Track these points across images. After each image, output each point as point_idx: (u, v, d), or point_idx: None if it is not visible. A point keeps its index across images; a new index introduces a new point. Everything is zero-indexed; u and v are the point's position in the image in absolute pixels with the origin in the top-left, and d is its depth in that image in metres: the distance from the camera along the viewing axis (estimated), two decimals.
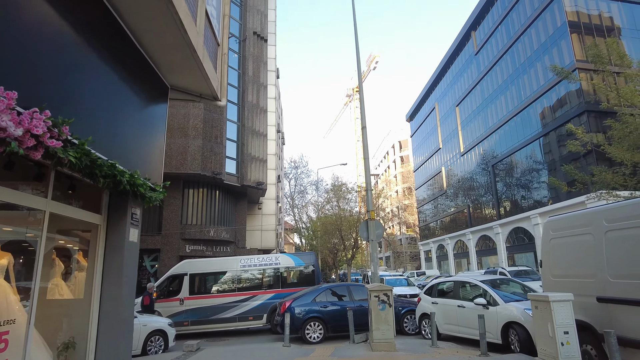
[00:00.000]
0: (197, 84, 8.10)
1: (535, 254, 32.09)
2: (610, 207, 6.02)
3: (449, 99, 51.45)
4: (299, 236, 52.46)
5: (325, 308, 11.27)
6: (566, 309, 5.78)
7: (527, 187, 34.50)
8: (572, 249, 6.58)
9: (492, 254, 39.75)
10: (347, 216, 29.04)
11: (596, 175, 14.04)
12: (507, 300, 8.65)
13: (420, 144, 63.85)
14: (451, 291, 10.31)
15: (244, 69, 23.15)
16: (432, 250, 57.53)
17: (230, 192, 22.52)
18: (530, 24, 33.12)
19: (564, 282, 6.66)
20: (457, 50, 48.77)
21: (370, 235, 10.06)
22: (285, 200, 52.71)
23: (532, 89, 33.08)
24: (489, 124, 40.98)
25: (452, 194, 51.40)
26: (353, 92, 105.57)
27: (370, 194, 10.34)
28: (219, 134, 19.85)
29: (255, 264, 14.96)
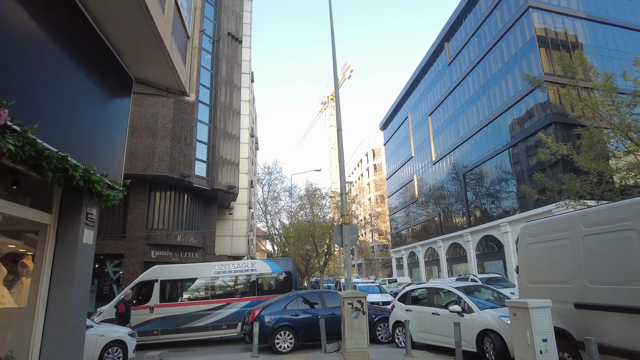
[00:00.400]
0: (164, 77, 7.60)
1: (504, 262, 32.73)
2: (588, 211, 5.95)
3: (422, 109, 52.26)
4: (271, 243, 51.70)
5: (297, 316, 10.86)
6: (545, 316, 5.63)
7: (497, 196, 35.25)
8: (549, 254, 6.48)
9: (463, 262, 40.32)
10: (321, 222, 28.73)
11: (565, 183, 14.32)
12: (482, 307, 8.51)
13: (393, 152, 64.52)
14: (425, 298, 10.12)
15: (217, 69, 22.58)
16: (403, 257, 57.95)
17: (199, 196, 21.78)
18: (501, 37, 34.08)
19: (541, 288, 6.55)
20: (431, 60, 49.71)
21: (345, 241, 9.76)
22: (258, 206, 51.92)
23: (502, 100, 33.95)
24: (460, 134, 41.79)
25: (423, 202, 52.03)
26: (328, 99, 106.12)
27: (345, 198, 10.06)
28: (188, 135, 19.16)
29: (230, 270, 14.42)
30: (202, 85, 20.96)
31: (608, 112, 12.71)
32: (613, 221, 5.35)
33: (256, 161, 54.86)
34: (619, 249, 5.23)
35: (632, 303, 4.97)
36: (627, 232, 5.11)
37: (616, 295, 5.19)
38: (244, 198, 26.70)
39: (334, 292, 12.25)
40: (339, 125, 10.41)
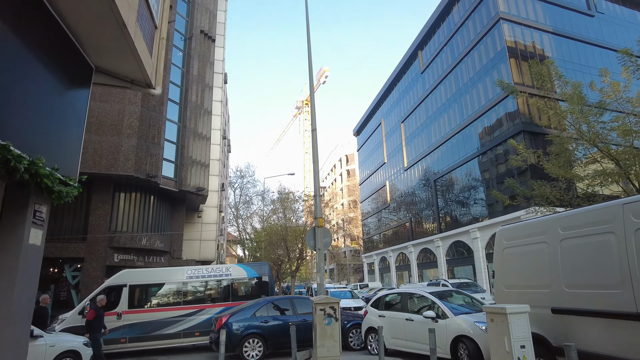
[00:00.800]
0: (128, 67, 7.08)
1: (473, 267, 33.25)
2: (566, 214, 5.87)
3: (395, 115, 52.83)
4: (242, 248, 50.80)
5: (266, 323, 10.44)
6: (523, 322, 5.49)
7: (467, 202, 35.86)
8: (526, 258, 6.38)
9: (433, 267, 40.76)
10: (293, 226, 28.29)
11: (535, 189, 14.54)
12: (456, 312, 8.37)
13: (366, 158, 64.90)
14: (398, 303, 9.91)
15: (189, 67, 21.88)
16: (375, 262, 58.16)
17: (166, 198, 20.94)
18: (473, 47, 34.85)
19: (518, 293, 6.43)
20: (405, 68, 50.37)
21: (318, 244, 9.44)
22: (229, 210, 50.93)
23: (474, 109, 34.66)
24: (431, 141, 42.40)
25: (395, 208, 52.45)
26: (302, 104, 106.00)
27: (319, 199, 9.75)
28: (156, 133, 18.38)
29: (204, 275, 13.90)
30: (172, 83, 20.23)
31: (577, 120, 13.00)
32: (591, 224, 5.27)
33: (228, 164, 53.88)
34: (597, 253, 5.15)
35: (610, 307, 4.89)
36: (606, 235, 5.04)
37: (594, 299, 5.10)
38: (214, 201, 25.94)
39: (306, 298, 11.89)
40: (313, 126, 10.12)
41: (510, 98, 29.77)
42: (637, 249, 4.63)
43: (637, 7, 39.75)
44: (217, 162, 26.15)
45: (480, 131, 33.76)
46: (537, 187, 14.56)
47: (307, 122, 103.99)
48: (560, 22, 33.60)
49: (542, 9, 33.58)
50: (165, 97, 18.85)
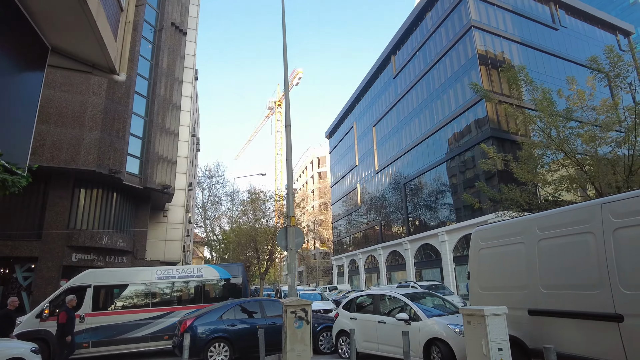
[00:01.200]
0: (89, 49, 6.54)
1: (441, 270, 33.72)
2: (543, 214, 5.81)
3: (367, 119, 53.17)
4: (210, 249, 49.63)
5: (233, 327, 9.98)
6: (501, 324, 5.36)
7: (435, 206, 36.41)
8: (502, 259, 6.29)
9: (401, 269, 41.13)
10: (264, 227, 27.73)
11: (505, 193, 14.78)
12: (429, 314, 8.23)
13: (338, 160, 65.00)
14: (371, 305, 9.69)
15: (158, 60, 21.01)
16: (344, 265, 58.21)
17: (130, 195, 19.98)
18: (445, 53, 35.49)
19: (493, 295, 6.33)
20: (377, 72, 50.80)
21: (289, 244, 9.11)
22: (196, 210, 49.67)
23: (444, 114, 35.26)
24: (402, 145, 42.86)
25: (365, 211, 52.71)
26: (275, 105, 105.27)
27: (292, 198, 9.43)
28: (121, 127, 17.47)
29: (174, 276, 13.35)
30: (139, 76, 19.35)
31: (548, 124, 13.30)
32: (570, 224, 5.22)
33: (197, 163, 52.59)
34: (575, 253, 5.09)
35: (588, 308, 4.82)
36: (584, 235, 4.99)
37: (572, 300, 5.03)
38: (180, 200, 25.05)
39: (275, 300, 11.50)
40: (287, 122, 9.80)
41: (480, 104, 30.51)
42: (615, 249, 4.59)
43: (597, 24, 41.75)
44: (184, 160, 25.28)
45: (450, 136, 34.37)
46: (506, 190, 14.81)
47: (279, 123, 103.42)
48: (528, 33, 34.76)
49: (511, 20, 34.64)
50: (131, 90, 17.98)
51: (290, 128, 9.79)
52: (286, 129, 9.80)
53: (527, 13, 35.79)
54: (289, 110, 9.95)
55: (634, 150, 12.20)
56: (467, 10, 32.38)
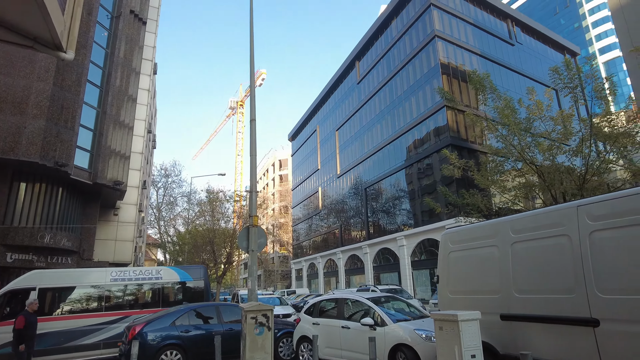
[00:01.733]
0: (29, 18, 5.77)
1: (399, 274, 34.08)
2: (518, 217, 5.71)
3: (330, 123, 53.25)
4: (163, 252, 47.64)
5: (187, 333, 9.30)
6: (474, 329, 5.16)
7: (394, 210, 36.85)
8: (474, 262, 6.14)
9: (360, 273, 41.26)
10: (222, 229, 26.72)
11: (467, 198, 14.96)
12: (394, 319, 7.99)
13: (300, 163, 64.65)
14: (334, 310, 9.35)
15: (114, 49, 19.70)
16: (303, 268, 57.77)
17: (78, 191, 18.51)
18: (408, 61, 36.10)
19: (464, 299, 6.17)
20: (342, 77, 51.04)
21: (251, 245, 8.60)
22: (150, 211, 47.54)
23: (405, 121, 35.82)
24: (364, 150, 43.19)
25: (326, 214, 52.63)
26: (237, 105, 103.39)
27: (255, 196, 8.93)
28: (70, 117, 16.14)
29: (130, 278, 12.52)
30: (93, 64, 18.04)
31: (511, 130, 13.56)
32: (545, 227, 5.12)
33: (152, 161, 50.45)
34: (550, 256, 4.99)
35: (563, 313, 4.71)
36: (560, 237, 4.89)
37: (547, 304, 4.92)
38: (133, 198, 23.64)
39: (233, 305, 10.89)
40: (252, 116, 9.30)
41: (441, 112, 31.23)
42: (591, 252, 4.51)
43: (548, 43, 44.13)
44: (139, 156, 23.91)
45: (411, 143, 34.95)
46: (468, 196, 15.00)
47: (241, 124, 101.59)
48: (487, 46, 36.09)
49: (472, 32, 35.83)
50: (83, 78, 16.67)
51: (255, 122, 9.30)
52: (251, 123, 9.30)
53: (486, 27, 37.19)
54: (254, 104, 9.46)
55: (587, 160, 12.70)
56: (432, 20, 33.14)
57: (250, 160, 9.13)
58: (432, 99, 32.30)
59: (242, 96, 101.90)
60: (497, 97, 14.45)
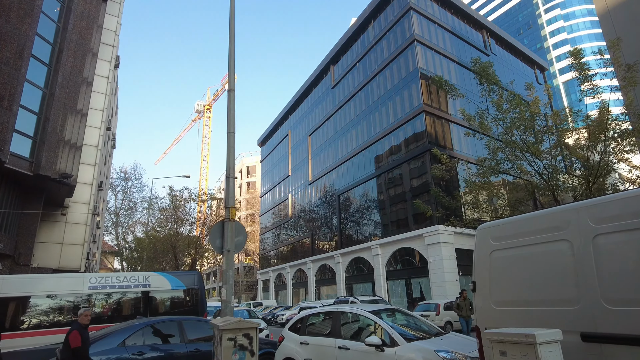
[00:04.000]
0: None
1: (373, 284, 32.64)
2: (600, 200, 4.24)
3: (303, 128, 51.75)
4: (120, 259, 44.20)
5: (140, 355, 7.30)
6: (556, 354, 3.63)
7: (369, 218, 35.56)
8: (532, 263, 4.65)
9: (331, 284, 39.54)
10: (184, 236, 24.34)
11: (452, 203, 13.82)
12: (408, 337, 6.40)
13: (269, 169, 62.62)
14: (328, 325, 7.63)
15: (66, 24, 17.18)
16: (270, 279, 55.38)
17: (15, 183, 15.76)
18: (385, 66, 35.24)
19: (517, 313, 4.65)
20: (316, 82, 49.79)
21: (227, 244, 6.81)
22: (108, 216, 44.10)
23: (382, 126, 34.81)
24: (338, 156, 41.88)
25: (296, 222, 50.78)
26: (204, 109, 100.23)
27: (233, 183, 7.17)
28: (7, 95, 13.57)
29: (113, 285, 11.01)
30: (39, 36, 15.55)
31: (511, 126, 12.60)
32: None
33: (111, 162, 47.02)
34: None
35: None
36: None
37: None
38: (85, 196, 20.93)
39: (200, 320, 8.95)
40: (231, 85, 7.60)
41: (419, 118, 30.35)
42: None
43: (519, 56, 44.78)
44: (93, 150, 21.24)
45: (388, 149, 33.91)
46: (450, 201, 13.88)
47: (207, 128, 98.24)
48: (464, 54, 35.82)
49: (450, 40, 35.51)
50: (26, 51, 14.21)
51: (234, 93, 7.59)
52: (229, 93, 7.60)
53: (463, 36, 37.04)
54: (232, 71, 7.79)
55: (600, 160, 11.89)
56: (411, 24, 32.48)
57: (228, 138, 7.38)
58: (410, 104, 31.46)
59: (210, 100, 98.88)
60: (499, 89, 13.46)
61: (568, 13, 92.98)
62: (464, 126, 32.62)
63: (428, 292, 26.98)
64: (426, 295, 27.21)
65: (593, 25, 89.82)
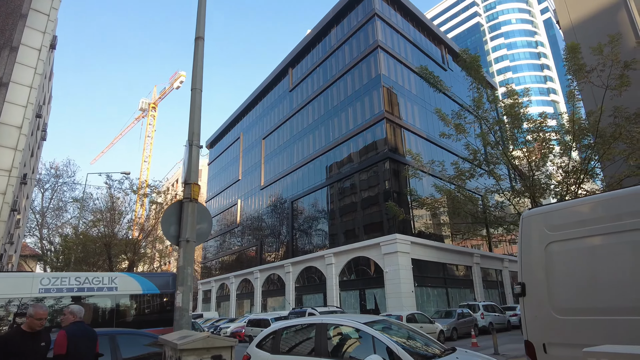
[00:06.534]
0: None
1: (324, 295, 31.22)
2: None
3: (257, 131, 49.81)
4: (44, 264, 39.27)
5: None
6: None
7: (324, 226, 34.30)
8: (613, 258, 3.46)
9: (280, 294, 37.59)
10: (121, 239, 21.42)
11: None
12: (418, 356, 5.04)
13: (218, 173, 59.68)
14: (308, 341, 6.05)
15: None
16: (213, 289, 52.14)
17: None
18: (347, 71, 34.53)
19: (594, 324, 3.45)
20: (272, 84, 48.24)
21: (186, 232, 5.12)
22: (32, 216, 39.16)
23: (341, 132, 33.92)
24: (293, 161, 40.42)
25: (244, 230, 48.39)
26: (149, 107, 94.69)
27: (196, 153, 5.50)
28: None
29: (71, 288, 9.19)
30: None
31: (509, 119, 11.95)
32: None
33: (40, 155, 42.06)
34: None
35: None
36: None
37: None
38: (0, 185, 17.63)
39: (142, 335, 6.99)
40: (200, 34, 5.98)
41: (379, 125, 29.76)
42: None
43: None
44: (15, 132, 17.87)
45: (346, 155, 33.01)
46: None
47: (151, 128, 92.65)
48: (420, 62, 36.00)
49: (411, 51, 35.62)
50: None
51: (203, 41, 5.99)
52: (197, 42, 6.04)
53: (423, 48, 37.40)
54: (203, 16, 6.21)
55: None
56: (375, 30, 32.10)
57: (193, 95, 5.78)
58: (371, 111, 30.85)
59: (156, 98, 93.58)
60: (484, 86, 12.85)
61: (511, 43, 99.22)
62: (421, 136, 32.63)
63: (383, 303, 26.02)
64: (381, 306, 26.23)
65: (532, 56, 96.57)
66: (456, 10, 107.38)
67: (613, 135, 11.38)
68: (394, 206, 16.37)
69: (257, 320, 21.73)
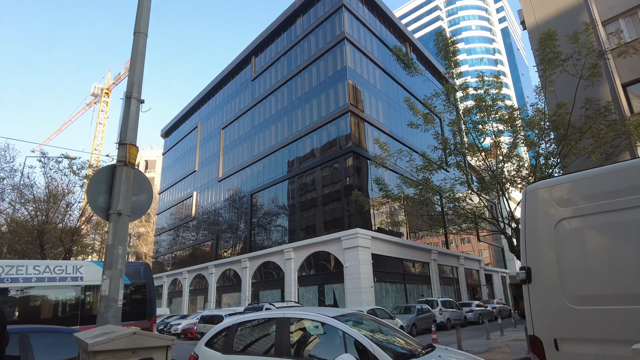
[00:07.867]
0: None
1: (282, 291, 30.32)
2: None
3: (216, 120, 47.92)
4: None
5: None
6: None
7: (283, 221, 33.38)
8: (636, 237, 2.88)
9: (236, 291, 36.22)
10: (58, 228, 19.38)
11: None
12: (394, 353, 4.31)
13: (173, 163, 57.05)
14: (267, 338, 5.18)
15: None
16: (164, 285, 49.73)
17: None
18: (312, 62, 33.70)
19: (616, 314, 2.85)
20: (234, 72, 46.52)
21: (117, 204, 4.09)
22: None
23: (304, 124, 33.08)
24: (254, 152, 39.12)
25: (199, 223, 46.46)
26: (102, 92, 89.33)
27: (135, 108, 4.47)
28: None
29: (29, 278, 8.26)
30: None
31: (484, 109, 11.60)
32: None
33: None
34: None
35: None
36: None
37: None
38: None
39: (63, 331, 5.83)
40: None
41: (344, 118, 29.20)
42: None
43: (436, 76, 46.67)
44: None
45: (309, 148, 32.21)
46: None
47: (103, 114, 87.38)
48: (388, 62, 35.91)
49: (377, 45, 35.34)
50: None
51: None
52: None
53: (389, 43, 37.20)
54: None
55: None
56: (342, 22, 31.47)
57: (135, 40, 4.74)
58: (336, 103, 30.22)
59: (110, 83, 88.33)
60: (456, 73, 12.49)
61: (470, 48, 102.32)
62: (384, 132, 32.43)
63: (342, 298, 25.51)
64: (339, 302, 25.71)
65: (489, 62, 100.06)
66: (420, 12, 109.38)
67: (582, 130, 11.41)
68: (359, 195, 15.78)
69: (210, 316, 20.63)
